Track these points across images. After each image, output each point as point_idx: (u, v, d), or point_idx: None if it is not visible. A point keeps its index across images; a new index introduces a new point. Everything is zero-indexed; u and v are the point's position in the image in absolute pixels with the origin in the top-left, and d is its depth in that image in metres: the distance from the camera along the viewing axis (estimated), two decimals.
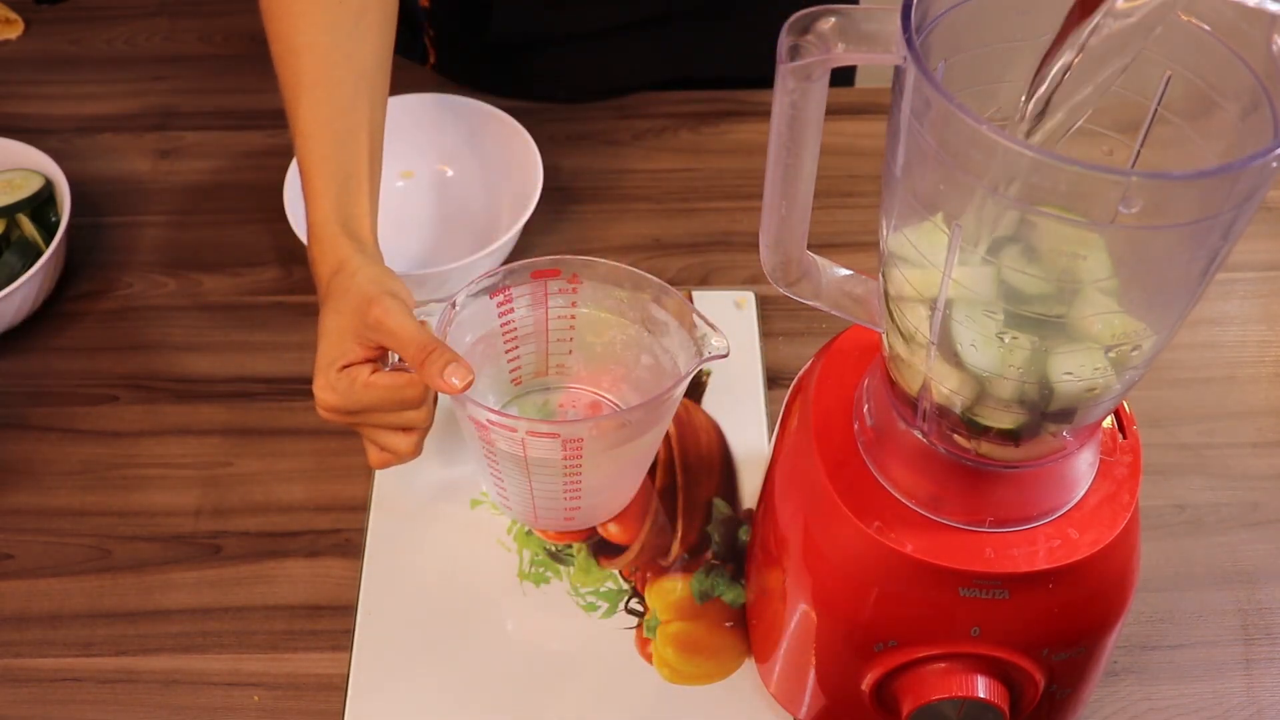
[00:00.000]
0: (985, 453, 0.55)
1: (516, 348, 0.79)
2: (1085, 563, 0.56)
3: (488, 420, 0.69)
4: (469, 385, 0.67)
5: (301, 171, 0.78)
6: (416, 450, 0.74)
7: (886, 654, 0.60)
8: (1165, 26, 0.46)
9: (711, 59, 1.11)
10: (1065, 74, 0.49)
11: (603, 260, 0.75)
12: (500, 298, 0.75)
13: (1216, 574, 0.79)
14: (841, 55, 0.47)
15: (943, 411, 0.54)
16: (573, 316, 0.78)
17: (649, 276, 0.75)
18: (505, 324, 0.77)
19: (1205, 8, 0.45)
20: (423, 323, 0.71)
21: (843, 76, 1.20)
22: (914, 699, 0.60)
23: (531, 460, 0.71)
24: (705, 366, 0.88)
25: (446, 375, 0.67)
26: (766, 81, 0.72)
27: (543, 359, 0.80)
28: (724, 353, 0.70)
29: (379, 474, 0.83)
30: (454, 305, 0.73)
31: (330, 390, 0.71)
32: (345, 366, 0.71)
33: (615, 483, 0.79)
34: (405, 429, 0.73)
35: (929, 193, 0.47)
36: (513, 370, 0.80)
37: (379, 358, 0.72)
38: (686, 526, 0.81)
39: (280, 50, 0.79)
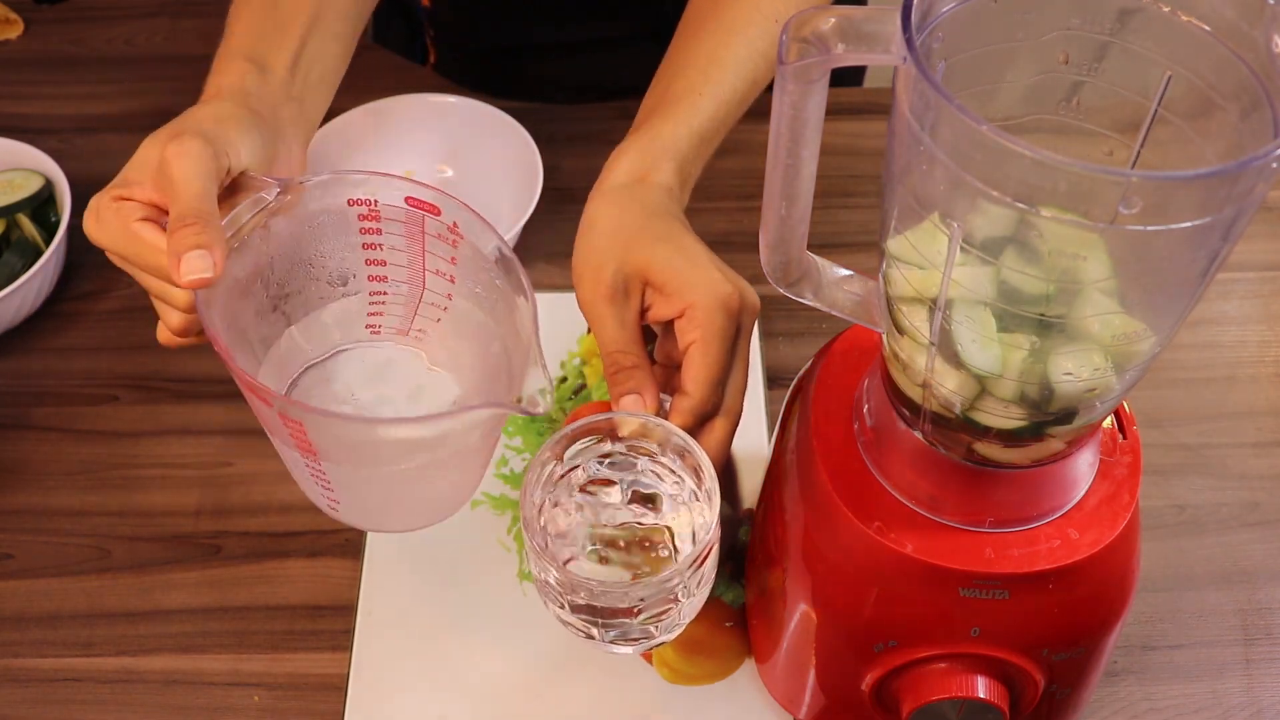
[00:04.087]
0: (985, 453, 0.55)
1: (384, 293, 0.59)
2: (1085, 563, 0.56)
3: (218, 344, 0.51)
4: (202, 283, 0.51)
5: (225, 32, 0.68)
6: (182, 333, 0.60)
7: (886, 654, 0.60)
8: (1165, 26, 0.46)
9: None
10: None
11: (481, 218, 0.57)
12: (363, 209, 0.55)
13: (1216, 574, 0.79)
14: (841, 55, 0.47)
15: (942, 412, 0.54)
16: (452, 278, 0.59)
17: (513, 260, 0.56)
18: (369, 245, 0.57)
19: (1205, 8, 0.45)
20: (240, 184, 0.55)
21: (851, 77, 1.19)
22: (914, 699, 0.60)
23: (263, 417, 0.55)
24: None
25: (185, 259, 0.51)
26: None
27: (409, 315, 0.61)
28: (536, 410, 0.52)
29: None
30: (282, 191, 0.54)
31: (94, 216, 0.58)
32: (123, 198, 0.58)
33: (381, 494, 0.60)
34: (168, 301, 0.59)
35: (929, 193, 0.47)
36: (371, 315, 0.61)
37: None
38: None
39: None
